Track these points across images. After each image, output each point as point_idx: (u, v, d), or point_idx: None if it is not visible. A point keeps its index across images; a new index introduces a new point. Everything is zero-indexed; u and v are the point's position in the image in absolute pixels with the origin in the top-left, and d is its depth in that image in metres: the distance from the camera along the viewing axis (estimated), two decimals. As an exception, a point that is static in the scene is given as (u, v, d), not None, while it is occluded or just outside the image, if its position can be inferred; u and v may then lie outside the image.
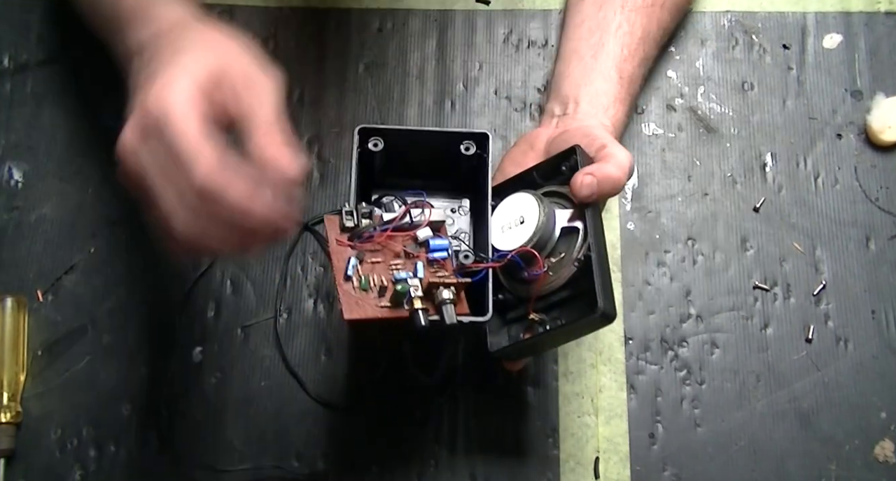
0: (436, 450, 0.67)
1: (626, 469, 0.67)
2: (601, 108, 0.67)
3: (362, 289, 0.55)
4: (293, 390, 0.69)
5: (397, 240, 0.57)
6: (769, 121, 0.76)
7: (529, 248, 0.58)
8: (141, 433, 0.68)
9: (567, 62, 0.70)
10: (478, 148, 0.61)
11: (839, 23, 0.79)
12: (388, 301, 0.55)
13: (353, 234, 0.56)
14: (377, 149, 0.60)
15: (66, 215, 0.73)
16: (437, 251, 0.57)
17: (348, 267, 0.55)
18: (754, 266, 0.72)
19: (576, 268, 0.58)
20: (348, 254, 0.55)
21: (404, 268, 0.56)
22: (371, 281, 0.55)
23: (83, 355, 0.70)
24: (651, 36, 0.70)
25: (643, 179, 0.75)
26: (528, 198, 0.60)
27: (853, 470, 0.67)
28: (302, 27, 0.79)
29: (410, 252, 0.57)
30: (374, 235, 0.56)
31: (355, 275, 0.55)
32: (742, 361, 0.70)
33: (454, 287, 0.55)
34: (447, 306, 0.54)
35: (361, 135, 0.61)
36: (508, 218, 0.60)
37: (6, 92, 0.77)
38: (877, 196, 0.74)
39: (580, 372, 0.69)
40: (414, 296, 0.54)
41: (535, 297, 0.59)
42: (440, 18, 0.80)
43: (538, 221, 0.58)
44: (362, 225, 0.56)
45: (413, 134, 0.64)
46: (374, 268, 0.56)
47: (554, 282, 0.59)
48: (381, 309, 0.55)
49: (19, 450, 0.67)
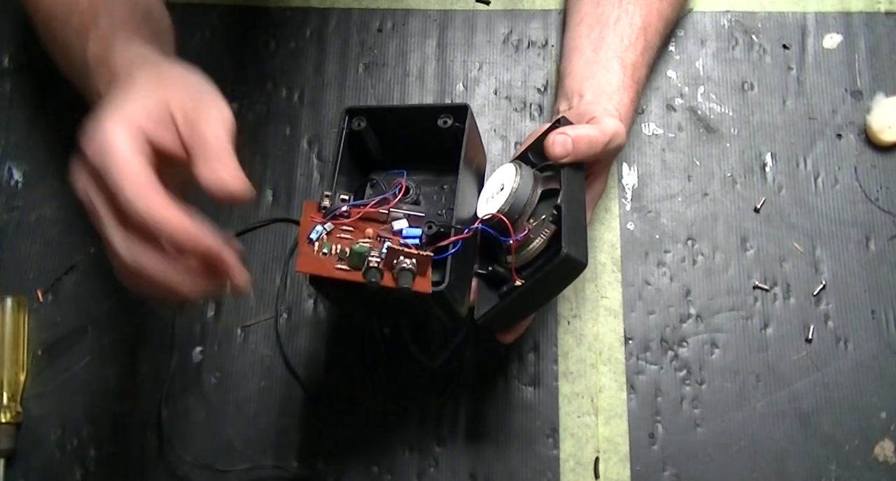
0: (436, 450, 0.67)
1: (626, 469, 0.67)
2: (605, 97, 0.67)
3: (323, 252, 0.55)
4: (293, 390, 0.69)
5: (371, 226, 0.57)
6: (769, 122, 0.76)
7: (497, 213, 0.58)
8: (141, 433, 0.68)
9: (569, 59, 0.71)
10: (455, 120, 0.60)
11: (839, 23, 0.79)
12: (346, 264, 0.55)
13: (327, 213, 0.56)
14: (360, 127, 0.60)
15: (66, 215, 0.73)
16: (409, 238, 0.57)
17: (312, 231, 0.55)
18: (754, 266, 0.72)
19: (553, 225, 0.58)
20: (315, 223, 0.56)
21: (372, 246, 0.56)
22: (333, 248, 0.55)
23: (83, 355, 0.70)
24: (652, 26, 0.70)
25: (643, 179, 0.75)
26: (508, 167, 0.60)
27: (853, 470, 0.67)
28: (302, 27, 0.79)
29: (383, 236, 0.56)
30: (349, 212, 0.56)
31: (319, 241, 0.55)
32: (742, 361, 0.70)
33: (416, 258, 0.54)
34: (404, 272, 0.54)
35: (348, 115, 0.61)
36: (491, 188, 0.61)
37: (6, 92, 0.77)
38: (877, 196, 0.74)
39: (580, 372, 0.69)
40: (372, 260, 0.54)
41: (514, 262, 0.59)
42: (440, 18, 0.80)
43: (513, 184, 0.59)
44: (338, 203, 0.57)
45: (393, 111, 0.64)
46: (339, 241, 0.56)
47: (535, 243, 0.58)
48: (337, 270, 0.55)
49: (19, 450, 0.67)
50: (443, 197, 0.63)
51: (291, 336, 0.70)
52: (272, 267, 0.72)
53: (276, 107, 0.77)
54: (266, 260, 0.72)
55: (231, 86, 0.77)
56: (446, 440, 0.68)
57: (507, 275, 0.60)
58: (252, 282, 0.55)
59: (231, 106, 0.75)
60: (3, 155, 0.75)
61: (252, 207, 0.73)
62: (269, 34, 0.79)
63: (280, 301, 0.71)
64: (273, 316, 0.71)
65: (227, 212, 0.73)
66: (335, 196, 0.57)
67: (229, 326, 0.70)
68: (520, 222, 0.59)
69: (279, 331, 0.70)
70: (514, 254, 0.59)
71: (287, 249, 0.72)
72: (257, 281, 0.71)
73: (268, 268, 0.72)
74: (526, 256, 0.59)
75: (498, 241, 0.59)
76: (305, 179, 0.74)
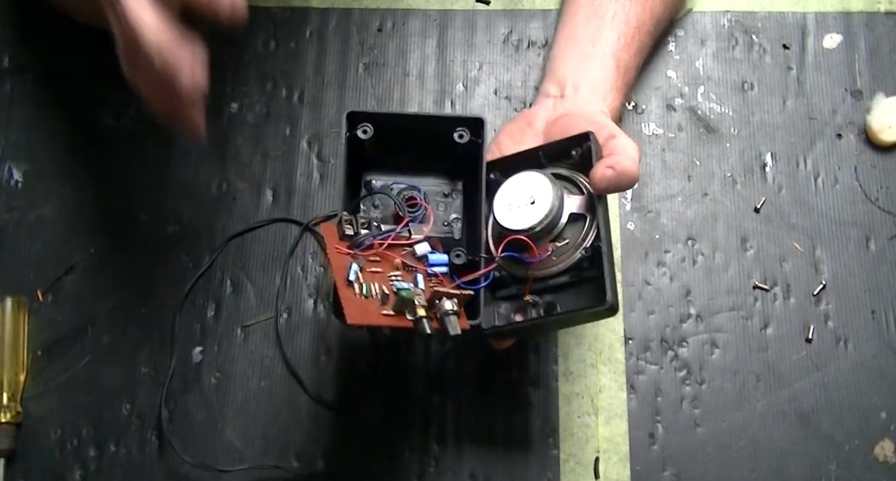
0: (436, 450, 0.67)
1: (626, 469, 0.67)
2: (599, 96, 0.67)
3: (364, 295, 0.54)
4: (293, 390, 0.69)
5: (395, 252, 0.56)
6: (769, 122, 0.76)
7: (525, 237, 0.58)
8: (141, 433, 0.68)
9: (564, 47, 0.70)
10: (472, 134, 0.59)
11: (839, 23, 0.79)
12: (391, 308, 0.54)
13: (353, 243, 0.55)
14: (366, 136, 0.59)
15: (66, 215, 0.73)
16: (437, 266, 0.56)
17: (350, 272, 0.54)
18: (754, 266, 0.72)
19: (581, 256, 0.58)
20: (349, 260, 0.55)
21: (404, 279, 0.55)
22: (372, 289, 0.54)
23: (83, 355, 0.70)
24: (645, 26, 0.71)
25: (643, 179, 0.75)
26: (541, 179, 0.59)
27: (853, 470, 0.67)
28: (302, 27, 0.79)
29: (409, 264, 0.56)
30: (373, 243, 0.55)
31: (357, 282, 0.54)
32: (742, 361, 0.70)
33: (456, 298, 0.54)
34: (450, 317, 0.53)
35: (350, 120, 0.59)
36: (517, 196, 0.59)
37: (6, 92, 0.77)
38: (877, 196, 0.74)
39: (580, 372, 0.69)
40: (418, 305, 0.53)
41: (530, 280, 0.59)
42: (440, 18, 0.80)
43: (551, 205, 0.57)
44: (361, 234, 0.55)
45: (405, 119, 0.63)
46: (374, 277, 0.55)
47: (554, 266, 0.58)
48: (384, 316, 0.53)
49: (19, 450, 0.67)
50: (447, 203, 0.62)
51: (291, 336, 0.70)
52: (272, 267, 0.72)
53: (276, 107, 0.77)
54: (266, 260, 0.72)
55: (231, 86, 0.77)
56: (446, 440, 0.68)
57: (507, 280, 0.60)
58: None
59: (231, 106, 0.77)
60: (3, 155, 0.75)
61: (252, 207, 0.73)
62: (269, 34, 0.79)
63: (280, 301, 0.71)
64: (273, 316, 0.71)
65: (227, 213, 0.73)
66: (355, 221, 0.56)
67: (229, 326, 0.70)
68: (543, 241, 0.59)
69: (279, 331, 0.70)
70: (530, 267, 0.58)
71: (287, 249, 0.72)
72: (257, 281, 0.71)
73: (268, 268, 0.72)
74: (539, 273, 0.59)
75: (513, 248, 0.59)
76: (305, 179, 0.74)
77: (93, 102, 0.76)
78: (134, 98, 0.60)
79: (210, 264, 0.72)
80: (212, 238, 0.72)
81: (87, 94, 0.76)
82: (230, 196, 0.74)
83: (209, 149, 0.74)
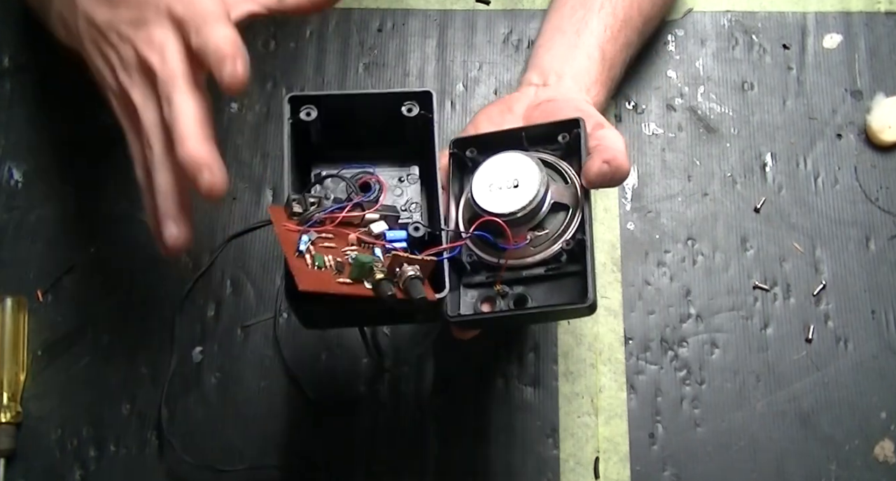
0: (436, 450, 0.67)
1: (626, 469, 0.67)
2: (584, 86, 0.66)
3: (318, 267, 0.51)
4: (293, 390, 0.69)
5: (350, 230, 0.53)
6: (769, 122, 0.76)
7: (501, 222, 0.54)
8: (141, 433, 0.68)
9: (549, 37, 0.70)
10: (422, 108, 0.56)
11: (839, 23, 0.79)
12: (348, 277, 0.50)
13: (302, 220, 0.52)
14: (310, 118, 0.56)
15: (66, 215, 0.73)
16: (396, 242, 0.53)
17: (300, 243, 0.51)
18: (754, 266, 0.72)
19: (561, 249, 0.55)
20: (298, 234, 0.52)
21: (361, 253, 0.52)
22: (326, 260, 0.51)
23: (83, 355, 0.70)
24: (632, 21, 0.70)
25: (643, 179, 0.75)
26: (527, 162, 0.55)
27: (853, 470, 0.67)
28: (302, 27, 0.79)
29: (367, 240, 0.53)
30: (325, 219, 0.52)
31: (308, 253, 0.51)
32: (742, 361, 0.70)
33: (419, 264, 0.51)
34: (414, 281, 0.50)
35: (293, 103, 0.56)
36: (500, 177, 0.56)
37: (6, 92, 0.77)
38: (877, 196, 0.74)
39: (580, 372, 0.69)
40: (377, 270, 0.50)
41: (505, 268, 0.56)
42: (440, 18, 0.80)
43: (536, 190, 0.55)
44: (311, 210, 0.53)
45: (350, 98, 0.59)
46: (327, 251, 0.51)
47: (530, 256, 0.56)
48: (341, 284, 0.50)
49: (19, 450, 0.67)
50: (403, 188, 0.59)
51: (291, 336, 0.70)
52: (272, 267, 0.72)
53: (276, 107, 0.77)
54: (266, 260, 0.72)
55: (231, 86, 0.77)
56: (446, 440, 0.68)
57: (477, 266, 0.57)
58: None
59: (231, 106, 0.77)
60: (3, 155, 0.75)
61: (252, 207, 0.73)
62: (269, 34, 0.79)
63: (280, 301, 0.71)
64: (273, 316, 0.71)
65: (227, 213, 0.73)
66: (304, 199, 0.53)
67: (229, 326, 0.70)
68: (522, 228, 0.56)
69: (279, 331, 0.70)
70: (503, 255, 0.56)
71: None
72: (257, 281, 0.71)
73: (268, 268, 0.72)
74: (513, 262, 0.56)
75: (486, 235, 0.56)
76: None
77: (93, 102, 0.75)
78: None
79: (210, 264, 0.72)
80: (212, 238, 0.72)
81: (87, 94, 0.76)
82: (230, 196, 0.74)
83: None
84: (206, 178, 0.51)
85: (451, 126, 0.76)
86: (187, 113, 0.52)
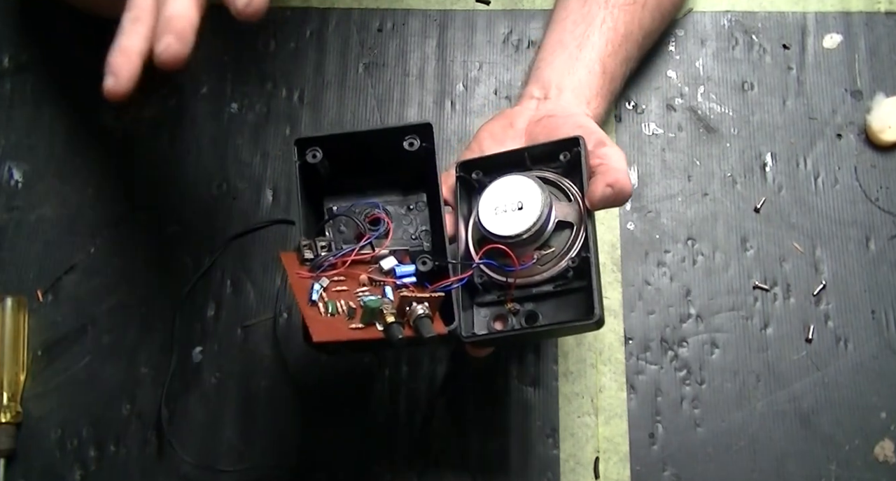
0: (436, 450, 0.67)
1: (626, 469, 0.67)
2: (584, 100, 0.66)
3: (330, 314, 0.52)
4: (293, 390, 0.69)
5: (361, 270, 0.55)
6: (769, 122, 0.76)
7: (504, 246, 0.56)
8: (141, 433, 0.68)
9: (551, 51, 0.70)
10: (422, 141, 0.58)
11: (839, 23, 0.79)
12: (359, 321, 0.52)
13: (314, 266, 0.54)
14: (316, 160, 0.58)
15: (66, 215, 0.73)
16: (405, 277, 0.55)
17: (312, 292, 0.52)
18: (754, 266, 0.72)
19: (567, 266, 0.57)
20: (310, 282, 0.53)
21: (372, 293, 0.54)
22: (338, 306, 0.53)
23: (83, 355, 0.70)
24: (633, 36, 0.70)
25: (643, 179, 0.75)
26: (530, 184, 0.57)
27: (853, 470, 0.67)
28: (302, 27, 0.79)
29: (376, 279, 0.55)
30: (336, 262, 0.54)
31: (321, 301, 0.53)
32: (742, 361, 0.70)
33: (427, 302, 0.52)
34: (423, 320, 0.52)
35: (299, 146, 0.58)
36: (505, 200, 0.57)
37: (6, 92, 0.77)
38: (877, 196, 0.74)
39: (580, 372, 0.69)
40: (387, 313, 0.52)
41: (513, 288, 0.58)
42: (440, 18, 0.80)
43: (540, 211, 0.56)
44: (321, 256, 0.54)
45: (352, 137, 0.61)
46: (339, 295, 0.53)
47: (538, 274, 0.57)
48: (352, 330, 0.52)
49: (19, 450, 0.67)
50: (412, 217, 0.61)
51: (291, 336, 0.70)
52: (272, 267, 0.72)
53: (276, 107, 0.77)
54: (266, 260, 0.72)
55: (231, 86, 0.77)
56: (447, 440, 0.68)
57: (488, 285, 0.59)
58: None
59: (231, 106, 0.77)
60: (3, 155, 0.75)
61: (252, 207, 0.73)
62: (269, 34, 0.79)
63: (280, 301, 0.71)
64: (273, 316, 0.71)
65: (227, 213, 0.73)
66: (315, 245, 0.55)
67: (229, 326, 0.70)
68: (529, 248, 0.57)
69: (279, 331, 0.70)
70: (512, 275, 0.58)
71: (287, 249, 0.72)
72: (257, 281, 0.71)
73: (268, 269, 0.72)
74: (522, 281, 0.58)
75: (495, 255, 0.58)
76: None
77: (93, 102, 0.76)
78: (134, 98, 0.60)
79: (210, 264, 0.72)
80: (212, 238, 0.72)
81: (87, 94, 0.76)
82: (230, 196, 0.74)
83: (210, 149, 0.74)
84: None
85: (451, 126, 0.76)
86: None
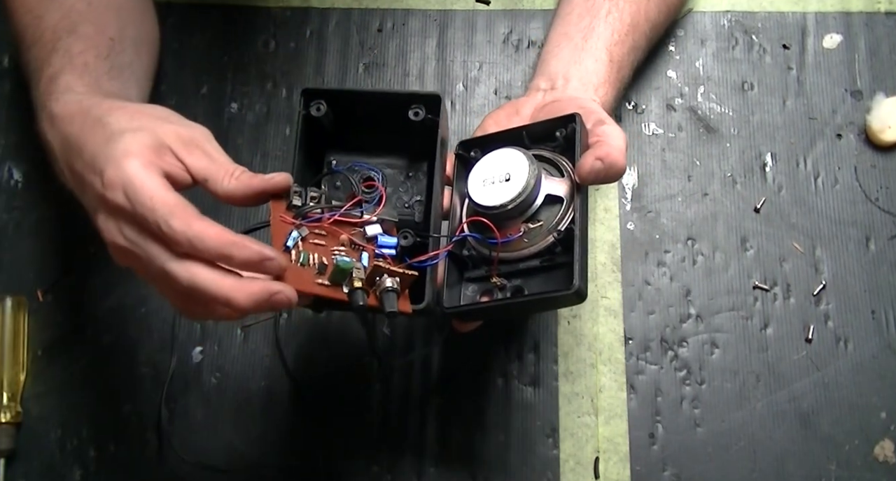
0: (436, 450, 0.67)
1: (626, 469, 0.67)
2: (591, 87, 0.66)
3: (301, 263, 0.52)
4: (293, 390, 0.69)
5: (344, 230, 0.54)
6: (769, 122, 0.76)
7: (484, 219, 0.56)
8: (141, 433, 0.68)
9: (556, 44, 0.70)
10: (429, 111, 0.56)
11: (839, 23, 0.79)
12: (327, 279, 0.51)
13: (298, 213, 0.53)
14: (319, 113, 0.57)
15: (66, 215, 0.73)
16: (385, 248, 0.54)
17: (288, 239, 0.52)
18: (754, 266, 0.72)
19: (553, 239, 0.56)
20: (290, 228, 0.53)
21: (348, 254, 0.53)
22: (311, 258, 0.52)
23: (83, 355, 0.70)
24: (639, 26, 0.70)
25: (643, 179, 0.75)
26: (518, 156, 0.56)
27: (853, 470, 0.67)
28: (302, 27, 0.79)
29: (357, 242, 0.54)
30: (322, 218, 0.53)
31: (295, 250, 0.52)
32: (742, 361, 0.70)
33: (399, 277, 0.52)
34: (388, 293, 0.51)
35: (306, 97, 0.57)
36: (493, 172, 0.57)
37: (6, 92, 0.77)
38: (877, 196, 0.74)
39: (580, 372, 0.69)
40: (355, 277, 0.51)
41: (497, 261, 0.57)
42: (440, 18, 0.80)
43: (525, 182, 0.55)
44: (309, 205, 0.54)
45: (360, 96, 0.60)
46: (315, 248, 0.52)
47: (525, 248, 0.57)
48: (319, 285, 0.51)
49: (19, 450, 0.67)
50: (409, 185, 0.60)
51: (291, 336, 0.70)
52: (272, 267, 0.72)
53: (276, 107, 0.77)
54: (266, 260, 0.72)
55: (231, 86, 0.77)
56: (447, 440, 0.68)
57: (476, 260, 0.58)
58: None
59: (231, 106, 0.77)
60: (3, 155, 0.75)
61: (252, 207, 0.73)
62: (269, 34, 0.79)
63: (280, 301, 0.71)
64: (273, 316, 0.71)
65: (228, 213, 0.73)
66: (305, 192, 0.54)
67: (229, 326, 0.70)
68: (516, 221, 0.57)
69: (279, 331, 0.70)
70: (498, 249, 0.57)
71: (287, 249, 0.72)
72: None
73: (268, 268, 0.72)
74: (509, 255, 0.57)
75: (483, 228, 0.56)
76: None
77: (93, 102, 0.76)
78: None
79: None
80: (212, 238, 0.72)
81: (87, 94, 0.76)
82: (230, 196, 0.74)
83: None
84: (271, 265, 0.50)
85: (451, 126, 0.76)
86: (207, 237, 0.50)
